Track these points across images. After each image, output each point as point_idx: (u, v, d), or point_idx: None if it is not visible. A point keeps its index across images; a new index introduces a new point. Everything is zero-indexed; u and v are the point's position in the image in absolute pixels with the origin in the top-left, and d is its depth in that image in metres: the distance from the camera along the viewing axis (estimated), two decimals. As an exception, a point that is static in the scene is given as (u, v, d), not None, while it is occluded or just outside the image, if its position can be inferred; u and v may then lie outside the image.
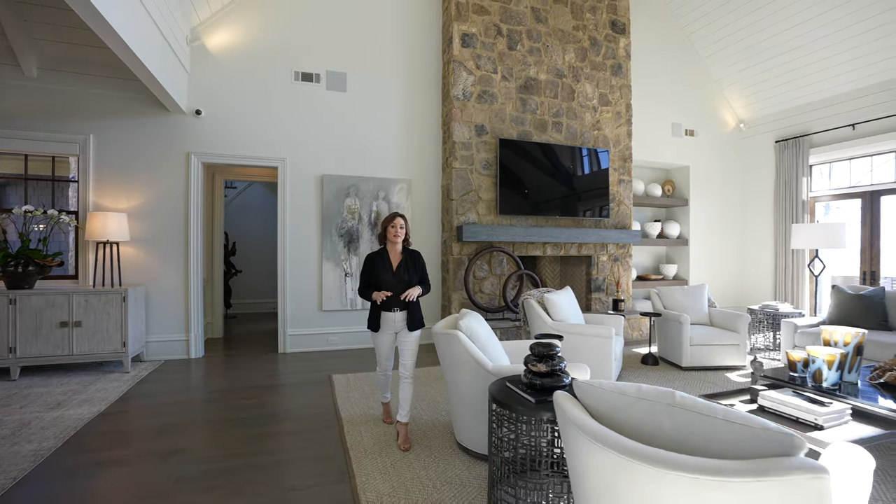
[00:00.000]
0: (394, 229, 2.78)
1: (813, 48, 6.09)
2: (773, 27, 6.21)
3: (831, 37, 5.82)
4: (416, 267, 2.83)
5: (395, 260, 2.81)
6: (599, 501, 1.18)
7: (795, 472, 0.91)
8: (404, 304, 2.77)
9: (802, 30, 5.99)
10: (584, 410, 1.30)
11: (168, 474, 2.35)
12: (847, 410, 2.17)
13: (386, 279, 2.73)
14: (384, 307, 2.74)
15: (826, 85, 6.40)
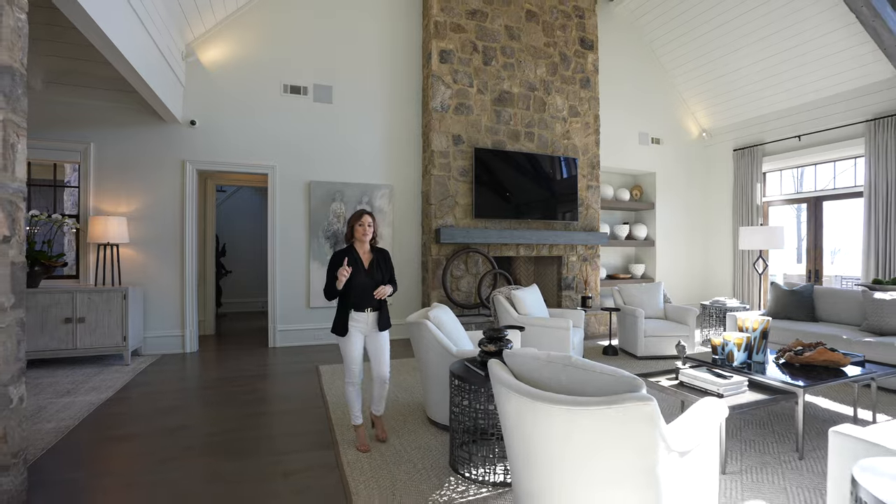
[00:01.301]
0: (361, 227, 2.66)
1: (765, 65, 6.64)
2: (730, 45, 6.75)
3: (781, 55, 6.37)
4: (386, 266, 2.74)
5: (366, 259, 2.70)
6: (515, 433, 1.60)
7: (631, 401, 1.34)
8: (377, 305, 2.68)
9: (755, 48, 6.53)
10: (510, 372, 1.72)
11: (176, 444, 2.73)
12: (744, 382, 2.64)
13: (359, 280, 2.62)
14: (355, 307, 2.63)
15: (777, 99, 6.97)
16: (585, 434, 1.41)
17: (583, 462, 1.44)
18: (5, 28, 1.91)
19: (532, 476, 1.60)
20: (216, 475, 2.37)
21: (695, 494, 1.67)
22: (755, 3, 6.10)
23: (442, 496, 2.15)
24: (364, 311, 2.65)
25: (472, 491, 2.19)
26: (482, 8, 5.94)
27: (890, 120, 5.75)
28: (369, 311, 2.66)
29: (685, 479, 1.58)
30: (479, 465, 2.29)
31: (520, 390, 1.55)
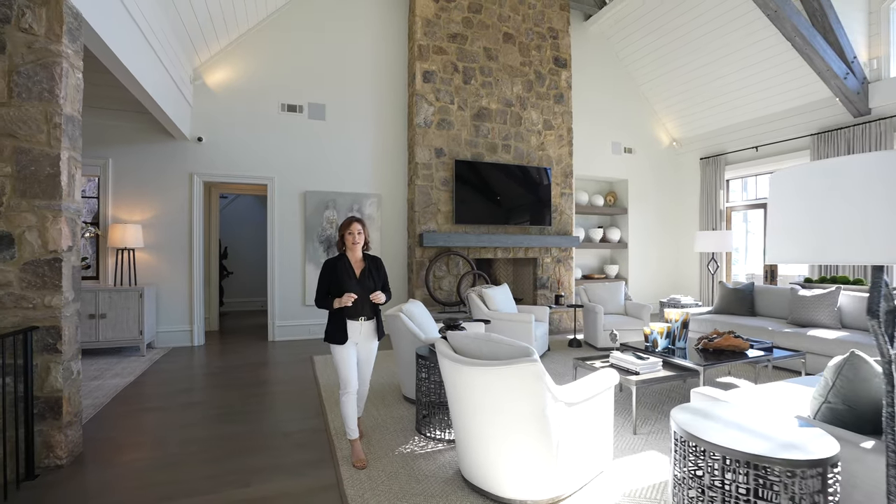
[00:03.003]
0: (351, 236, 2.62)
1: (725, 81, 7.25)
2: (694, 62, 7.35)
3: (739, 73, 6.98)
4: (378, 274, 2.70)
5: (357, 267, 2.66)
6: (451, 391, 2.19)
7: (522, 362, 1.93)
8: (372, 313, 2.65)
9: (717, 66, 7.14)
10: (451, 348, 2.31)
11: (194, 415, 3.31)
12: (659, 363, 3.23)
13: (350, 288, 2.56)
14: (349, 315, 2.58)
15: (736, 112, 7.58)
16: (495, 386, 2.00)
17: (494, 407, 2.03)
18: (70, 87, 2.49)
19: (464, 422, 2.20)
20: (230, 434, 2.96)
21: (588, 438, 2.26)
22: (715, 26, 6.70)
23: (406, 449, 2.74)
24: (358, 320, 2.60)
25: (430, 446, 2.78)
26: (462, 31, 6.53)
27: (830, 134, 6.36)
28: (363, 321, 2.62)
29: (575, 424, 2.17)
30: (437, 428, 2.88)
31: (452, 358, 2.14)
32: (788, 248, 1.37)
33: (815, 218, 1.30)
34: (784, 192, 1.39)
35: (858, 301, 4.50)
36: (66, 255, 2.49)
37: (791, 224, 1.36)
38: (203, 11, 4.80)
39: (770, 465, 1.48)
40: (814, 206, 1.31)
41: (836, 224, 1.25)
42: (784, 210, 1.38)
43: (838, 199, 1.26)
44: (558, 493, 2.12)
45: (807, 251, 1.32)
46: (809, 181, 1.32)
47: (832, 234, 1.26)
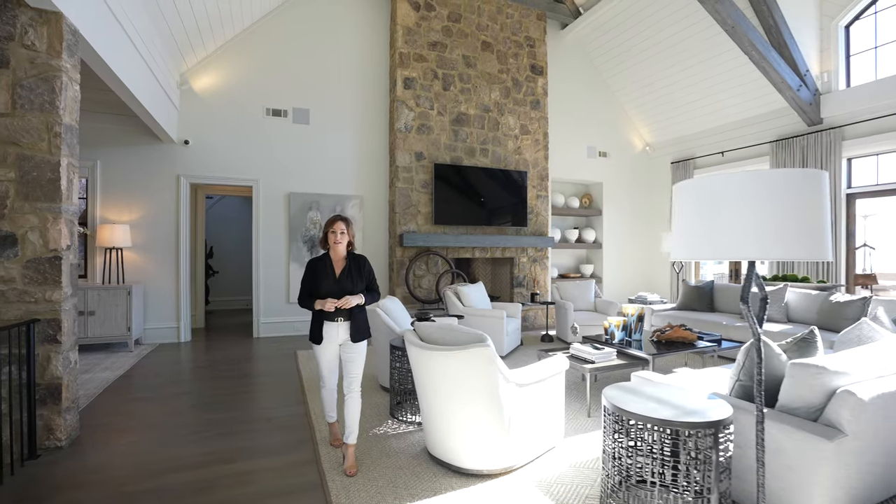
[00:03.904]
0: (334, 235, 2.56)
1: (693, 90, 7.64)
2: (664, 71, 7.73)
3: (705, 82, 7.37)
4: (360, 273, 2.63)
5: (338, 266, 2.61)
6: (418, 373, 2.47)
7: (476, 346, 2.21)
8: (348, 314, 2.57)
9: (685, 74, 7.52)
10: (418, 337, 2.59)
11: (183, 403, 3.53)
12: (613, 353, 3.55)
13: (327, 287, 2.53)
14: (326, 317, 2.55)
15: (704, 119, 7.99)
16: (453, 369, 2.29)
17: (452, 386, 2.32)
18: (69, 99, 2.71)
19: (428, 402, 2.47)
20: (217, 420, 3.19)
21: (540, 417, 2.55)
22: (681, 38, 7.08)
23: (380, 431, 3.00)
24: (335, 320, 2.56)
25: (402, 428, 3.05)
26: (442, 40, 6.81)
27: (787, 142, 6.79)
28: (340, 321, 2.57)
29: (526, 403, 2.46)
30: (409, 412, 3.16)
31: (418, 345, 2.42)
32: (687, 248, 1.67)
33: (704, 223, 1.60)
34: (683, 202, 1.69)
35: (803, 297, 4.88)
36: (66, 254, 2.70)
37: (688, 228, 1.66)
38: (190, 20, 4.99)
39: (673, 427, 1.79)
40: (703, 214, 1.61)
41: (720, 228, 1.56)
42: (683, 216, 1.68)
43: (721, 209, 1.56)
44: (511, 464, 2.41)
45: (698, 250, 1.62)
46: (700, 194, 1.63)
47: (717, 236, 1.56)
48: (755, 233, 1.46)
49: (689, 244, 1.64)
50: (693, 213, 1.62)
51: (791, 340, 2.28)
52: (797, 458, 1.82)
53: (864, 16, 6.05)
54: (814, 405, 1.92)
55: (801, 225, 1.44)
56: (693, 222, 1.63)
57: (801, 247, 1.44)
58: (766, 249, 1.46)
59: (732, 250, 1.51)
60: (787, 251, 1.45)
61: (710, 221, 1.56)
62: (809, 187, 1.45)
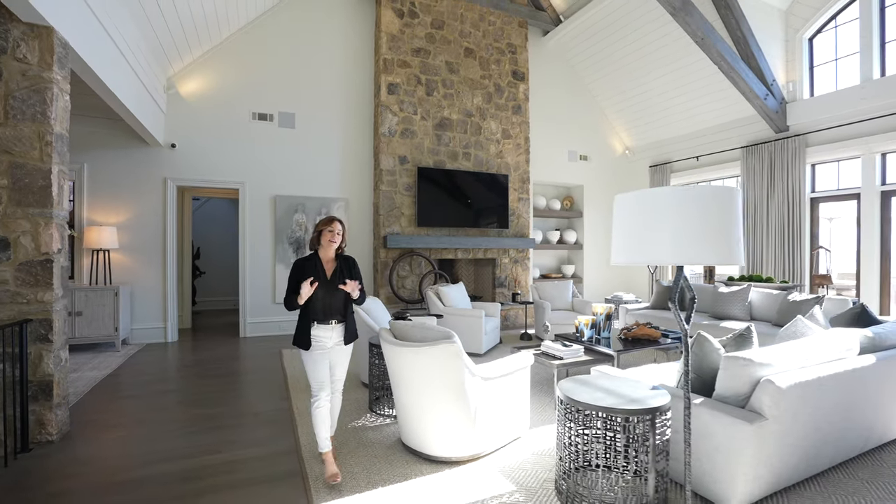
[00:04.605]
0: (331, 234, 2.48)
1: (669, 96, 7.91)
2: (643, 77, 7.99)
3: (681, 88, 7.65)
4: (351, 275, 2.54)
5: (328, 267, 2.51)
6: (391, 369, 2.66)
7: (443, 343, 2.40)
8: (342, 315, 2.53)
9: (662, 81, 7.79)
10: (391, 334, 2.77)
11: (170, 400, 3.68)
12: (581, 350, 3.76)
13: (320, 288, 2.44)
14: (318, 319, 2.45)
15: (680, 125, 8.27)
16: (422, 363, 2.48)
17: (423, 380, 2.51)
18: (59, 109, 2.84)
19: (401, 395, 2.66)
20: (204, 415, 3.34)
21: (505, 408, 2.75)
22: (657, 46, 7.34)
23: (359, 423, 3.18)
24: (328, 323, 2.47)
25: (380, 421, 3.24)
26: (425, 46, 6.99)
27: (756, 147, 7.09)
28: (334, 324, 2.49)
29: (492, 396, 2.66)
30: (386, 406, 3.34)
31: (391, 342, 2.60)
32: (624, 253, 1.88)
33: (637, 232, 1.81)
34: (620, 212, 1.90)
35: (765, 296, 5.16)
36: (56, 257, 2.84)
37: (625, 235, 1.87)
38: (176, 26, 5.11)
39: (615, 413, 1.99)
40: (637, 223, 1.81)
41: (651, 236, 1.76)
42: (620, 225, 1.89)
43: (651, 219, 1.77)
44: (477, 451, 2.61)
45: (632, 255, 1.83)
46: (634, 205, 1.83)
47: (646, 244, 1.77)
48: (676, 241, 1.67)
49: (626, 250, 1.84)
50: (628, 223, 1.83)
51: (730, 336, 2.51)
52: (724, 441, 2.03)
53: (825, 29, 6.37)
54: (742, 393, 2.14)
55: (716, 235, 1.65)
56: (628, 231, 1.84)
57: (714, 253, 1.66)
58: (685, 256, 1.67)
59: (658, 256, 1.72)
60: (702, 257, 1.66)
61: (641, 230, 1.77)
62: (722, 202, 1.66)
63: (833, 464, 2.40)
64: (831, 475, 2.37)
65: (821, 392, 2.19)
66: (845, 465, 2.46)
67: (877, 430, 2.54)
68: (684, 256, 1.72)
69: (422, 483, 2.37)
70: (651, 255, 1.75)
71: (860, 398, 2.39)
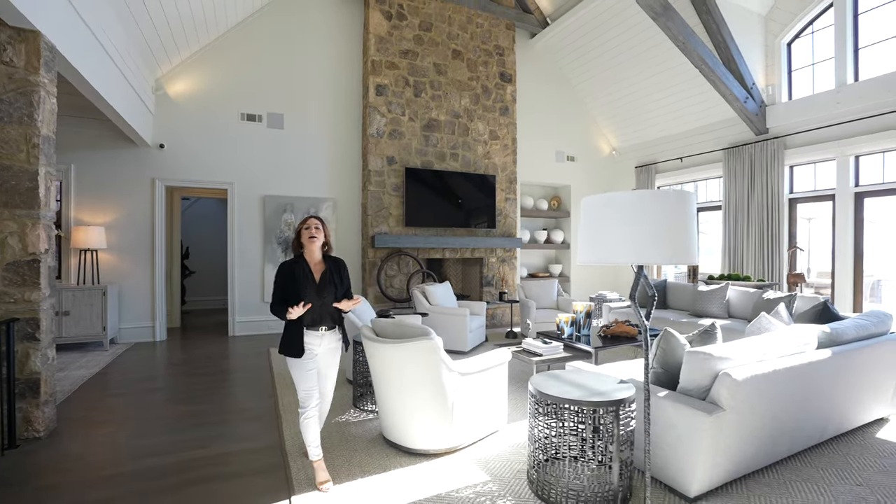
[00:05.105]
0: (308, 231, 2.37)
1: (655, 98, 8.04)
2: (629, 79, 8.13)
3: (666, 91, 7.79)
4: (341, 278, 2.44)
5: (317, 271, 2.39)
6: (373, 365, 2.75)
7: (422, 339, 2.50)
8: (333, 322, 2.39)
9: (648, 83, 7.92)
10: (372, 331, 2.86)
11: (159, 398, 3.74)
12: (560, 347, 3.87)
13: (308, 294, 2.30)
14: (308, 325, 2.32)
15: (665, 126, 8.42)
16: (401, 359, 2.57)
17: (401, 376, 2.60)
18: (46, 111, 2.90)
19: (382, 390, 2.75)
20: (191, 412, 3.41)
21: (483, 403, 2.85)
22: (642, 49, 7.47)
23: (342, 419, 3.27)
24: (318, 329, 2.35)
25: (363, 417, 3.32)
26: (413, 48, 7.07)
27: (738, 149, 7.25)
28: (324, 330, 2.37)
29: (469, 391, 2.76)
30: (369, 402, 3.43)
31: (372, 339, 2.69)
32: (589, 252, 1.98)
33: (601, 232, 1.91)
34: (585, 214, 2.00)
35: (742, 294, 5.31)
36: (44, 257, 2.89)
37: (589, 236, 1.97)
38: (164, 27, 5.15)
39: (581, 405, 2.10)
40: (601, 225, 1.92)
41: (613, 237, 1.87)
42: (585, 226, 1.99)
43: (613, 221, 1.87)
44: (455, 444, 2.70)
45: (596, 255, 1.93)
46: (597, 207, 1.94)
47: (610, 243, 1.87)
48: (634, 241, 1.77)
49: (591, 250, 1.95)
50: (592, 224, 1.93)
51: (696, 332, 2.62)
52: (685, 431, 2.15)
53: (803, 34, 6.54)
54: (704, 386, 2.26)
55: (672, 235, 1.76)
56: (593, 232, 1.94)
57: (671, 253, 1.76)
58: (643, 255, 1.78)
59: (618, 255, 1.83)
60: (659, 257, 1.77)
61: (604, 231, 1.87)
62: (678, 205, 1.77)
63: (791, 453, 2.52)
64: (789, 463, 2.50)
65: (777, 384, 2.31)
66: (802, 454, 2.59)
67: (833, 420, 2.68)
68: (642, 256, 1.82)
69: (400, 474, 2.47)
70: (612, 254, 1.86)
71: (816, 390, 2.52)
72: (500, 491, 2.29)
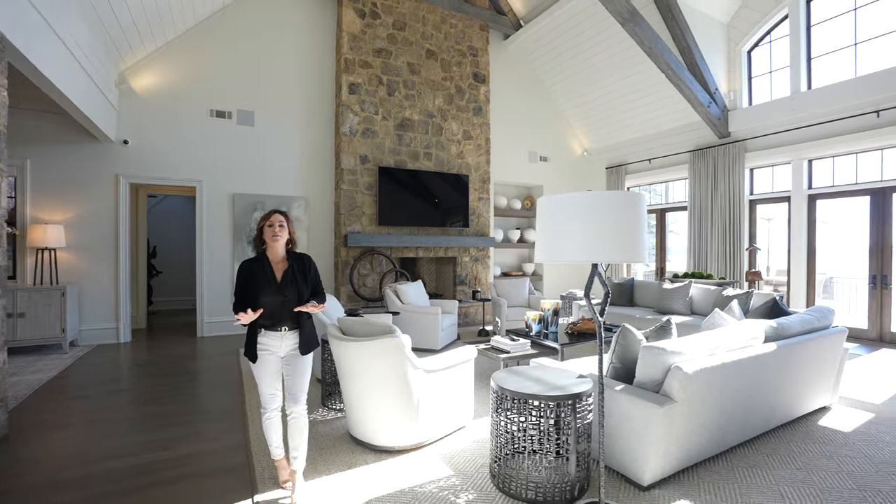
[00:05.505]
0: (271, 228, 2.22)
1: (625, 100, 8.24)
2: (600, 82, 8.30)
3: (634, 94, 7.98)
4: (305, 276, 2.28)
5: (278, 269, 2.25)
6: (339, 362, 2.75)
7: (387, 337, 2.52)
8: (295, 322, 2.24)
9: (618, 87, 8.11)
10: (339, 330, 2.86)
11: (122, 399, 3.65)
12: (527, 344, 3.95)
13: (269, 296, 2.17)
14: (266, 326, 2.20)
15: (634, 128, 8.63)
16: (366, 357, 2.59)
17: (367, 373, 2.61)
18: (-4, 106, 2.79)
19: (348, 388, 2.76)
20: (155, 413, 3.34)
21: (449, 399, 2.89)
22: (612, 53, 7.63)
23: (311, 417, 3.26)
24: (278, 330, 2.22)
25: (331, 415, 3.32)
26: (387, 47, 7.07)
27: (702, 151, 7.50)
28: (285, 331, 2.22)
29: (435, 387, 2.79)
30: (338, 401, 3.43)
31: (338, 337, 2.70)
32: (545, 252, 2.04)
33: (556, 232, 1.97)
34: (541, 214, 2.06)
35: (704, 292, 5.51)
36: (-6, 256, 2.79)
37: (545, 236, 2.03)
38: (127, 19, 4.99)
39: (539, 400, 2.16)
40: (556, 225, 1.98)
41: (566, 236, 1.93)
42: (541, 226, 2.05)
43: (566, 221, 1.93)
44: (420, 440, 2.74)
45: (551, 254, 1.99)
46: (551, 208, 2.00)
47: (564, 243, 1.94)
48: (585, 240, 1.84)
49: (546, 249, 2.01)
50: (547, 224, 1.99)
51: (653, 328, 2.72)
52: (640, 423, 2.24)
53: (762, 43, 6.82)
54: (657, 380, 2.35)
55: (621, 235, 1.83)
56: (549, 231, 2.00)
57: (620, 252, 1.84)
58: (594, 254, 1.85)
59: (571, 254, 1.89)
60: (610, 255, 1.84)
61: (558, 231, 1.94)
62: (627, 206, 1.84)
63: (739, 441, 2.65)
64: (737, 451, 2.63)
65: (726, 377, 2.43)
66: (750, 442, 2.73)
67: (779, 410, 2.82)
68: (593, 254, 1.89)
69: (364, 471, 2.48)
70: (566, 253, 1.92)
71: (763, 382, 2.65)
72: (462, 485, 2.34)
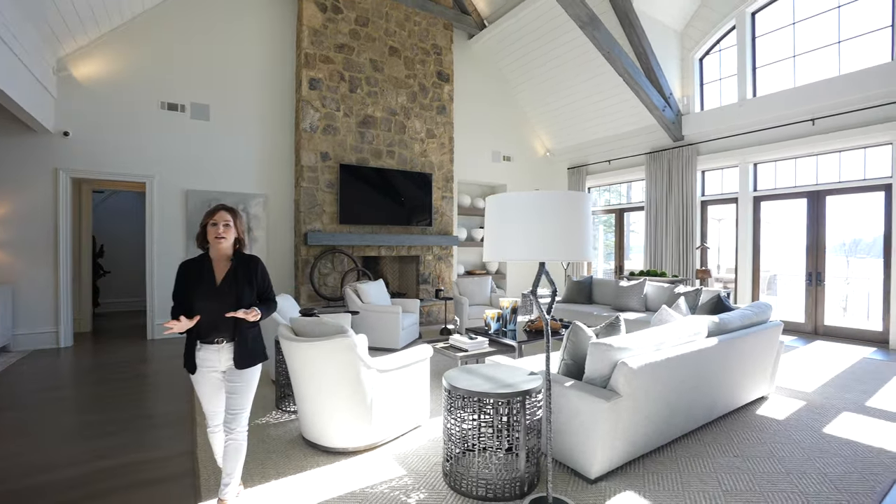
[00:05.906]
0: (215, 228, 1.99)
1: (586, 102, 8.41)
2: (561, 84, 8.45)
3: (594, 96, 8.17)
4: (250, 280, 2.04)
5: (219, 270, 2.02)
6: (290, 363, 2.69)
7: (338, 337, 2.48)
8: (231, 333, 1.99)
9: (580, 89, 8.27)
10: (291, 330, 2.80)
11: (65, 408, 3.44)
12: (486, 342, 3.98)
13: (203, 298, 1.94)
14: (201, 337, 1.98)
15: (594, 130, 8.84)
16: (318, 357, 2.54)
17: (319, 374, 2.57)
18: None
19: (300, 389, 2.70)
20: (95, 421, 3.16)
21: (404, 399, 2.88)
22: (574, 55, 7.78)
23: (262, 421, 3.17)
24: (213, 342, 1.98)
25: (285, 418, 3.25)
26: (349, 43, 6.96)
27: (657, 154, 7.77)
28: (223, 343, 1.99)
29: (389, 387, 2.77)
30: (291, 403, 3.35)
31: (289, 337, 2.64)
32: (493, 251, 2.06)
33: (502, 231, 1.99)
34: (489, 213, 2.08)
35: (658, 289, 5.71)
36: None
37: (492, 234, 2.05)
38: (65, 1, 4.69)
39: (488, 397, 2.18)
40: (502, 223, 2.00)
41: (512, 235, 1.95)
42: (489, 224, 2.07)
43: (512, 220, 1.95)
44: (374, 441, 2.71)
45: (498, 252, 2.01)
46: (498, 207, 2.02)
47: (510, 241, 1.96)
48: (529, 239, 1.87)
49: (493, 247, 2.03)
50: (494, 222, 2.01)
51: (602, 325, 2.80)
52: (588, 417, 2.29)
53: (712, 51, 7.13)
54: (605, 375, 2.42)
55: (566, 234, 1.87)
56: (495, 230, 2.02)
57: (565, 251, 1.88)
58: (539, 252, 1.88)
59: (516, 253, 1.92)
60: (554, 254, 1.87)
61: (503, 230, 1.96)
62: (572, 206, 1.88)
63: (683, 432, 2.76)
64: (681, 442, 2.74)
65: (670, 371, 2.52)
66: (693, 433, 2.85)
67: (720, 401, 2.96)
68: (538, 253, 1.92)
69: (316, 474, 2.44)
70: (511, 251, 1.95)
71: (706, 375, 2.78)
72: (414, 484, 2.33)
